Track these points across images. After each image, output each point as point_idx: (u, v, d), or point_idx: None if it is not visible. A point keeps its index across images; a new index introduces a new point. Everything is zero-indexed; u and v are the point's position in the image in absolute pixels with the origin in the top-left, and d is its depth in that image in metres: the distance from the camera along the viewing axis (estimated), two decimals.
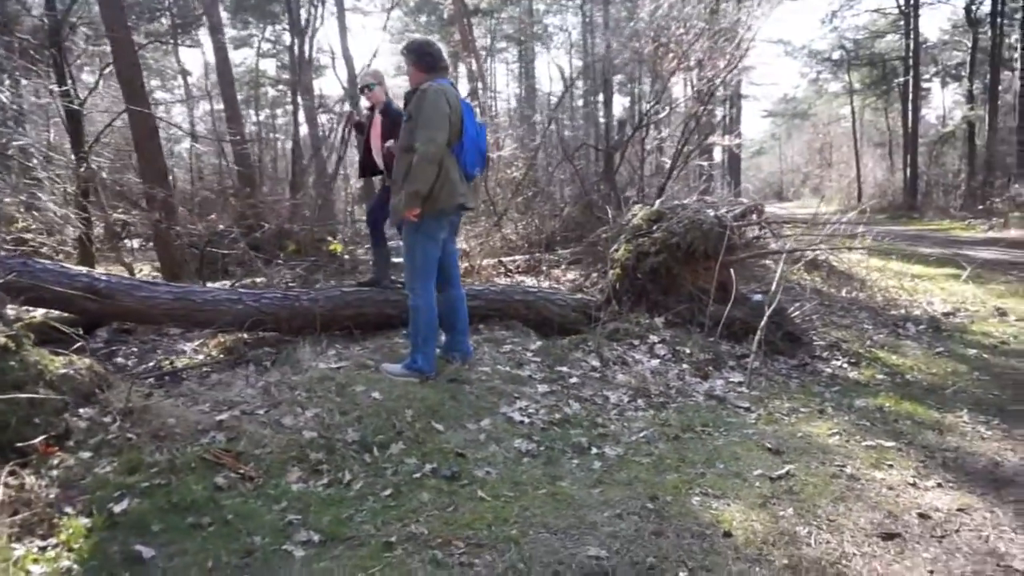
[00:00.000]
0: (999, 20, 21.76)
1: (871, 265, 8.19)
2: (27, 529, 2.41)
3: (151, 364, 4.42)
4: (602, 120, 18.84)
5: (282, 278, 6.01)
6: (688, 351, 4.44)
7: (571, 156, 9.68)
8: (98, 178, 7.75)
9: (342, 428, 3.20)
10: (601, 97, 21.07)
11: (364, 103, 5.56)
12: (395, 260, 5.13)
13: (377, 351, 4.25)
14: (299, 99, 17.72)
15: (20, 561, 2.24)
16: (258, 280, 6.00)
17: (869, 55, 28.63)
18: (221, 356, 4.47)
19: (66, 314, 4.59)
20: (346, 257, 7.27)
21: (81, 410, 3.20)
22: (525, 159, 11.30)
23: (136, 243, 11.19)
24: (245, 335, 4.64)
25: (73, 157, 7.97)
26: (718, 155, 19.55)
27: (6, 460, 2.72)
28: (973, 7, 23.58)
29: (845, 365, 4.67)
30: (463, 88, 24.61)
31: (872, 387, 4.27)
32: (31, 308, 4.65)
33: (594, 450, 3.20)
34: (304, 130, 18.33)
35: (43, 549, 2.34)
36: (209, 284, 5.47)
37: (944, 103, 33.48)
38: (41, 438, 2.90)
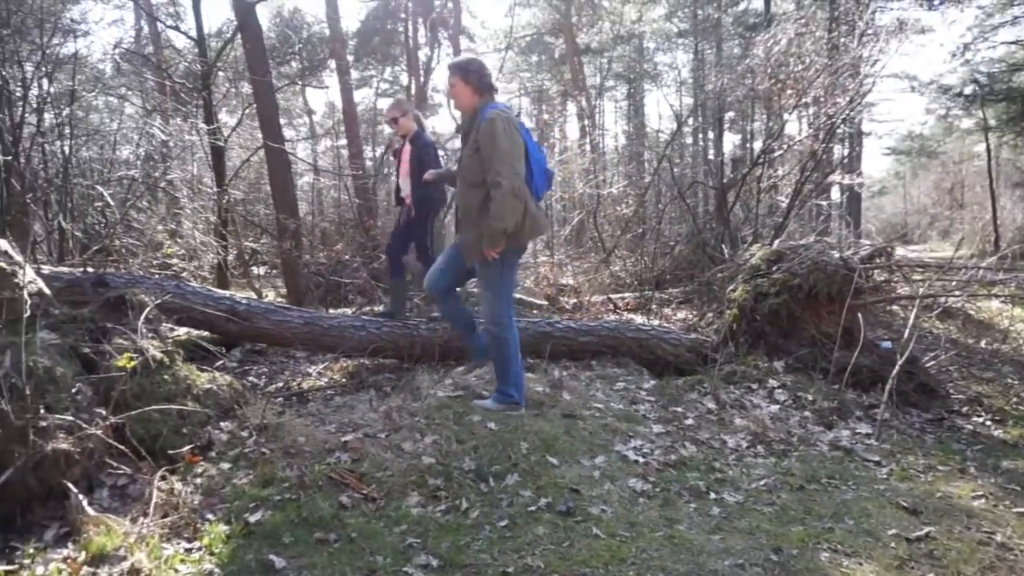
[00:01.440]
0: None
1: (1014, 315, 7.55)
2: (175, 531, 2.60)
3: (280, 384, 4.69)
4: (712, 157, 18.54)
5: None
6: (811, 398, 4.24)
7: (683, 193, 9.56)
8: (235, 209, 8.39)
9: (459, 456, 3.27)
10: (711, 134, 20.77)
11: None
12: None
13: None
14: None
15: (169, 560, 2.42)
16: (377, 309, 6.27)
17: (1006, 89, 26.66)
18: (344, 380, 4.68)
19: (206, 333, 4.98)
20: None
21: (222, 423, 3.44)
22: (635, 196, 11.28)
23: (262, 270, 11.97)
24: (367, 361, 4.83)
25: (214, 189, 8.68)
26: (836, 194, 18.72)
27: (158, 465, 2.96)
28: None
29: (988, 422, 4.31)
30: (573, 127, 24.91)
31: (1021, 448, 3.91)
32: (175, 327, 5.06)
33: (712, 495, 3.10)
34: None
35: (188, 551, 2.51)
36: (332, 311, 5.77)
37: None
38: (188, 447, 3.15)
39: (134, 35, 14.90)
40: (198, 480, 2.96)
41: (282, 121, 11.17)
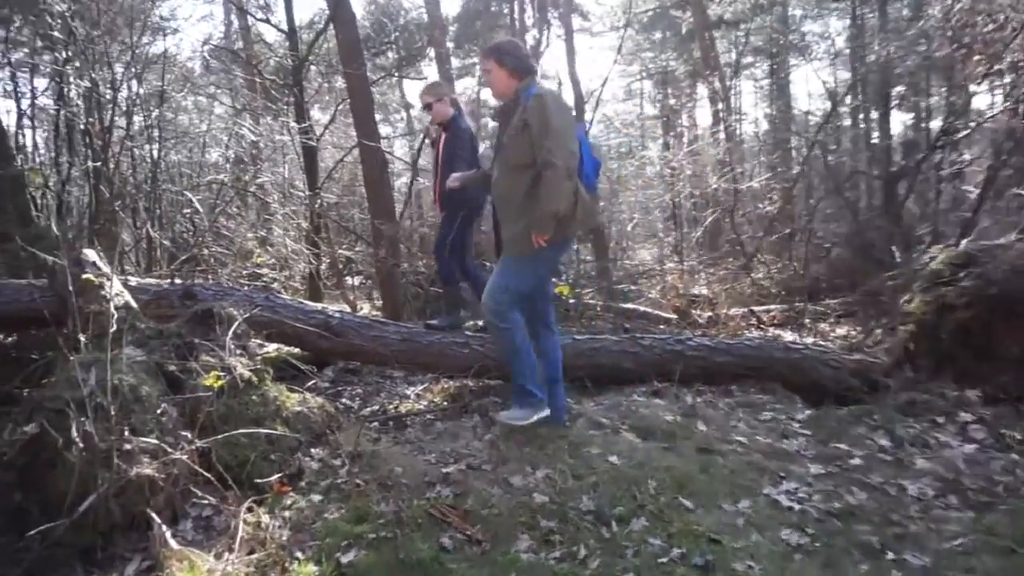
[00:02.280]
0: None
1: None
2: (261, 570, 2.67)
3: (376, 407, 4.80)
4: (876, 142, 17.56)
5: None
6: (1019, 437, 3.86)
7: (841, 186, 9.10)
8: (328, 214, 8.75)
9: (576, 494, 3.19)
10: (875, 115, 19.69)
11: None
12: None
13: (613, 409, 4.22)
14: None
15: None
16: (480, 323, 6.30)
17: None
18: (446, 403, 4.72)
19: (297, 350, 5.17)
20: (571, 301, 7.41)
21: (313, 450, 3.54)
22: (780, 191, 10.86)
23: (357, 280, 12.41)
24: (471, 382, 4.85)
25: (306, 193, 9.09)
26: None
27: (245, 495, 3.06)
28: None
29: None
30: (704, 113, 24.36)
31: None
32: (264, 343, 5.29)
33: (890, 555, 2.86)
34: None
35: None
36: (434, 321, 5.83)
37: None
38: (276, 476, 3.25)
39: (223, 31, 15.94)
40: (287, 513, 3.04)
41: (378, 117, 11.62)
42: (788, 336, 6.58)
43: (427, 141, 5.81)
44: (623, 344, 4.90)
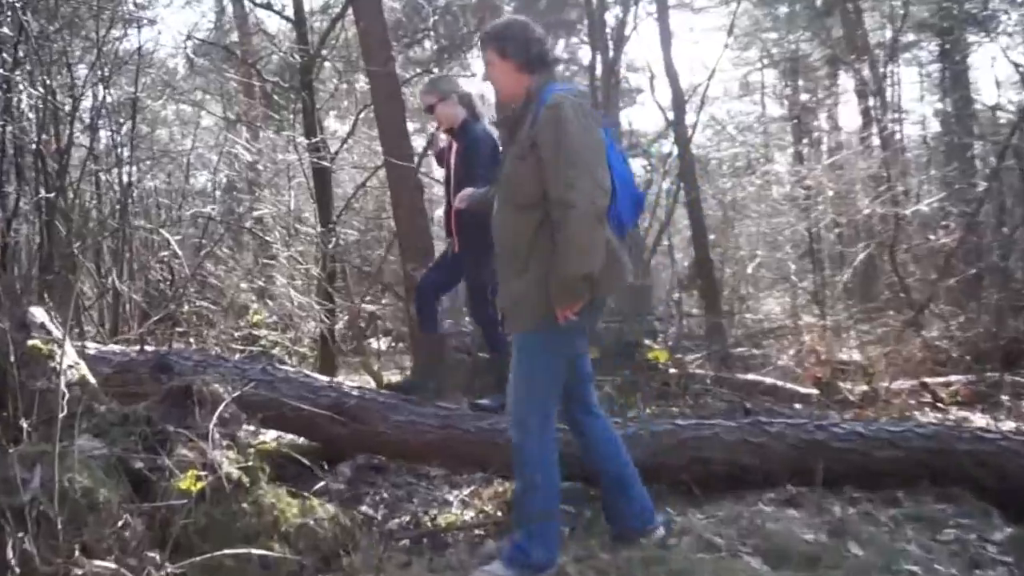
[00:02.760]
0: None
1: None
2: None
3: (406, 519, 4.78)
4: None
5: None
6: None
7: None
8: (347, 256, 8.89)
9: None
10: None
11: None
12: None
13: (729, 524, 4.14)
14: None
15: None
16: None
17: None
18: (499, 514, 4.69)
19: (303, 439, 5.19)
20: (672, 370, 7.34)
21: None
22: (960, 216, 10.66)
23: (383, 343, 12.53)
24: None
25: (318, 229, 9.25)
26: None
27: None
28: None
29: None
30: (850, 112, 24.18)
31: None
32: (260, 430, 5.35)
33: None
34: None
35: None
36: (483, 401, 5.83)
37: None
38: None
39: (212, 20, 16.58)
40: None
41: (411, 127, 11.78)
42: (978, 420, 6.44)
43: (430, 153, 5.80)
44: (743, 431, 4.79)
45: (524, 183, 3.49)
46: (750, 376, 8.19)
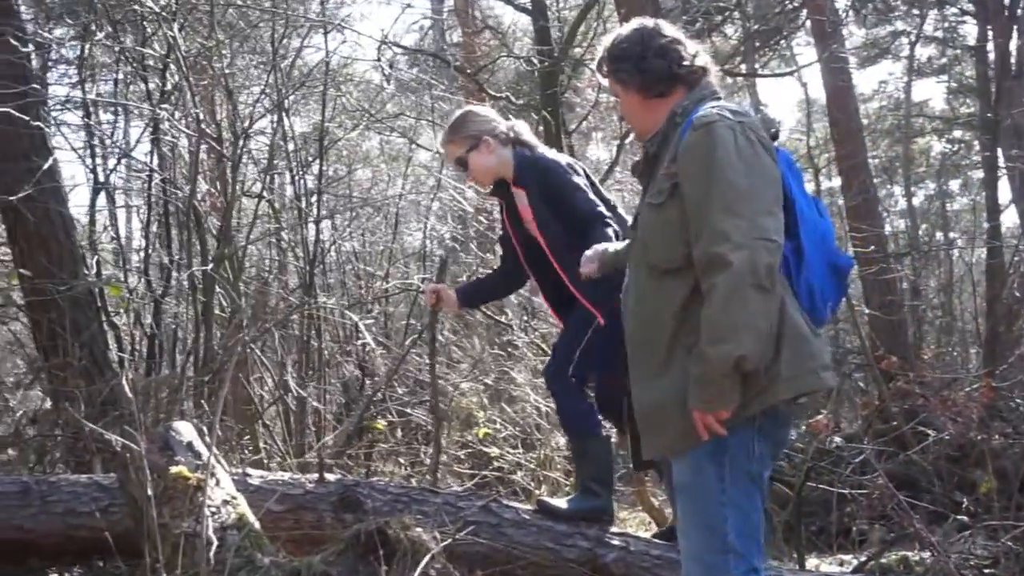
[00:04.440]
0: None
1: None
2: None
3: None
4: None
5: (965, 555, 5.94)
6: None
7: None
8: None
9: None
10: None
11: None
12: None
13: None
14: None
15: None
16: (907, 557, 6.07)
17: None
18: None
19: None
20: None
21: None
22: None
23: None
24: None
25: None
26: None
27: None
28: None
29: None
30: None
31: None
32: None
33: None
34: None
35: None
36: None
37: None
38: None
39: (419, 23, 17.07)
40: None
41: None
42: None
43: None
44: None
45: (664, 239, 3.40)
46: None
